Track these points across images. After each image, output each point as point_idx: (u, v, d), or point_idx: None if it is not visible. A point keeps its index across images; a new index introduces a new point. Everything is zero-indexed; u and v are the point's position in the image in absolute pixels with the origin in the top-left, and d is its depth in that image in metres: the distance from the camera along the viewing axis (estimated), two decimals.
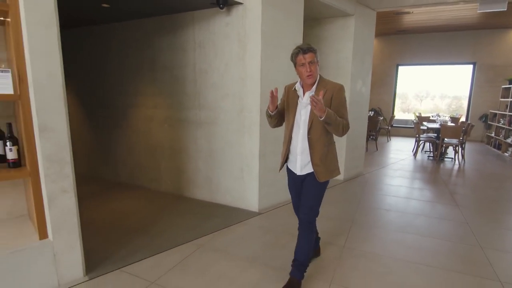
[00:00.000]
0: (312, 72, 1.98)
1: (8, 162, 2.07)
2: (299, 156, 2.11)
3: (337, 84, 2.07)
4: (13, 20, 1.84)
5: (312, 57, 1.97)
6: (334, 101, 2.01)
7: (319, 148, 2.05)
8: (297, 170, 2.15)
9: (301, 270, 2.17)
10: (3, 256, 1.94)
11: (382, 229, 3.26)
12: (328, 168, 2.09)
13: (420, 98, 13.96)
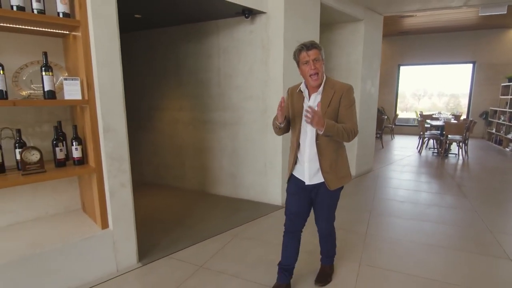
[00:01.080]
0: (317, 70, 1.83)
1: (74, 160, 2.33)
2: (307, 164, 1.96)
3: (346, 85, 1.92)
4: (83, 34, 2.10)
5: (317, 54, 1.83)
6: (342, 103, 1.88)
7: (328, 154, 1.93)
8: (305, 179, 1.99)
9: (331, 257, 2.35)
10: (74, 243, 2.20)
11: (398, 217, 3.53)
12: (338, 175, 1.97)
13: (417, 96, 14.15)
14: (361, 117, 5.18)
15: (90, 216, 2.55)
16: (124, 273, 2.43)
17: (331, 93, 1.88)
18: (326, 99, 1.88)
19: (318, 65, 1.83)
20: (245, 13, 3.53)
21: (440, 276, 2.37)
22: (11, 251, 2.03)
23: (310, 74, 1.84)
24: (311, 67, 1.82)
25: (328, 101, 1.88)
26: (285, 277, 2.15)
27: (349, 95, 1.90)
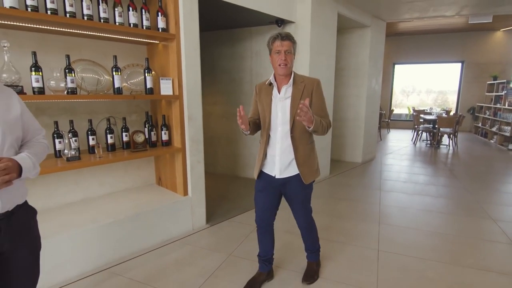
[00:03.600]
0: (286, 62, 1.84)
1: (162, 142, 2.97)
2: (278, 157, 1.95)
3: (314, 79, 1.97)
4: (176, 44, 2.75)
5: (290, 46, 1.84)
6: (315, 97, 1.92)
7: (302, 147, 1.96)
8: (275, 173, 1.98)
9: (316, 253, 2.34)
10: (166, 205, 2.85)
11: (404, 193, 4.28)
12: (311, 168, 2.00)
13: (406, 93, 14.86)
14: (367, 110, 5.94)
15: (167, 187, 3.21)
16: (198, 231, 3.10)
17: (302, 86, 1.90)
18: (297, 92, 1.90)
19: (289, 57, 1.85)
20: (278, 23, 4.21)
21: (441, 230, 3.13)
22: (122, 211, 2.67)
23: (279, 63, 1.84)
24: (281, 57, 1.83)
25: (300, 94, 1.90)
26: (265, 266, 2.25)
27: (319, 89, 1.95)
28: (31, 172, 1.26)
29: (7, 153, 1.22)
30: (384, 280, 2.29)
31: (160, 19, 2.68)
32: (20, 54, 2.28)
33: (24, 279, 1.35)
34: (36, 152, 1.34)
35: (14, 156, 1.22)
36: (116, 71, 2.54)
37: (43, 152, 1.40)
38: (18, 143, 1.31)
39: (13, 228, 1.26)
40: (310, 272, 2.30)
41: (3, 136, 1.20)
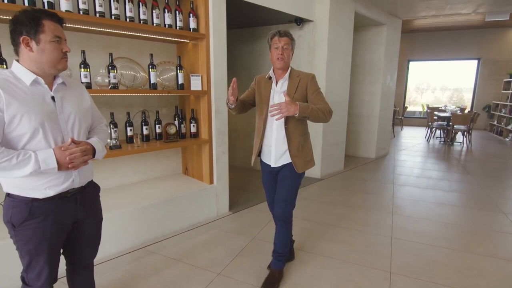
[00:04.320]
0: (283, 56, 1.95)
1: (191, 134, 3.21)
2: (274, 147, 2.05)
3: (309, 74, 2.06)
4: (206, 43, 2.96)
5: (287, 42, 1.95)
6: (310, 89, 2.01)
7: (296, 138, 2.03)
8: (271, 162, 2.09)
9: (282, 261, 2.22)
10: (195, 192, 3.10)
11: (417, 187, 4.43)
12: (305, 159, 2.08)
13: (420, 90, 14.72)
14: (381, 106, 6.07)
15: (194, 176, 3.45)
16: (222, 217, 3.34)
17: (297, 80, 2.01)
18: (292, 85, 2.01)
19: (286, 53, 1.96)
20: (297, 21, 4.38)
21: (453, 221, 3.28)
22: (156, 196, 2.91)
23: (277, 57, 1.96)
24: (279, 52, 1.94)
25: (294, 87, 2.00)
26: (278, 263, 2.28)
27: (314, 81, 2.04)
28: (101, 154, 1.51)
29: (82, 138, 1.47)
30: (397, 263, 2.48)
31: (192, 20, 2.90)
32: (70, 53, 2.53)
33: (92, 242, 1.62)
34: (102, 137, 1.59)
35: (89, 140, 1.47)
36: (152, 68, 2.78)
37: (106, 138, 1.65)
38: (88, 129, 1.55)
39: (85, 200, 1.51)
40: (271, 279, 2.15)
41: (79, 123, 1.45)
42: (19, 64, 1.31)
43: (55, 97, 1.37)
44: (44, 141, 1.31)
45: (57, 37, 1.30)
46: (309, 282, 2.23)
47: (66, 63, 1.38)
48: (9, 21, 1.28)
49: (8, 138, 1.26)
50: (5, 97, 1.22)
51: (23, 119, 1.25)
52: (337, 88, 4.81)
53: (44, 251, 1.38)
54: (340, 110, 5.00)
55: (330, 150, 4.89)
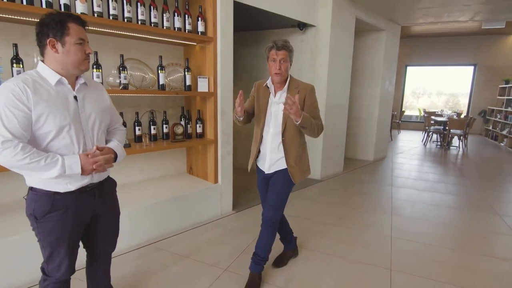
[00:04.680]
0: (281, 71, 1.93)
1: (197, 134, 3.28)
2: (268, 155, 2.08)
3: (308, 85, 2.04)
4: (213, 46, 3.05)
5: (285, 55, 1.92)
6: (307, 102, 1.98)
7: (294, 150, 2.04)
8: (265, 169, 2.13)
9: (261, 264, 2.19)
10: (200, 191, 3.17)
11: (414, 189, 4.53)
12: (302, 169, 2.11)
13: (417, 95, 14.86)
14: (380, 110, 6.19)
15: (198, 176, 3.52)
16: (226, 216, 3.41)
17: (295, 92, 1.97)
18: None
19: (284, 66, 1.93)
20: (300, 26, 4.49)
21: (449, 222, 3.39)
22: (162, 194, 2.98)
23: (274, 72, 1.94)
24: (276, 66, 1.92)
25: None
26: (289, 245, 2.51)
27: (312, 94, 2.02)
28: (122, 158, 1.62)
29: (101, 136, 1.56)
30: (397, 261, 2.57)
31: (200, 24, 2.99)
32: None
33: (110, 235, 1.71)
34: (121, 139, 1.69)
35: (111, 145, 1.57)
36: (161, 70, 2.86)
37: (124, 139, 1.74)
38: (107, 127, 1.63)
39: (103, 194, 1.59)
40: (252, 285, 2.15)
41: (99, 122, 1.53)
42: (45, 64, 1.38)
43: (78, 97, 1.44)
44: (68, 139, 1.39)
45: (81, 39, 1.37)
46: (314, 278, 2.31)
47: (88, 64, 1.45)
48: (36, 24, 1.34)
49: (35, 135, 1.34)
50: (33, 97, 1.29)
51: (48, 117, 1.33)
52: (338, 92, 4.91)
53: (65, 243, 1.46)
54: (340, 113, 5.11)
55: (330, 152, 4.99)
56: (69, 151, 1.40)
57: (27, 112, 1.28)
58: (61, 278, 1.51)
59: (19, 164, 1.27)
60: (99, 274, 1.76)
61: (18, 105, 1.26)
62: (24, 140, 1.29)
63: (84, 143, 1.45)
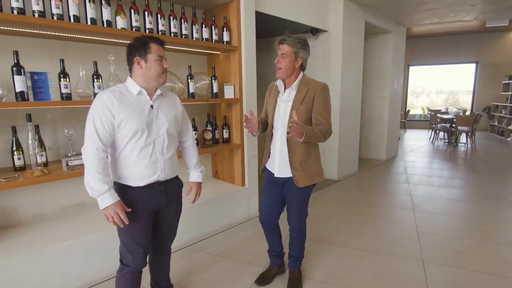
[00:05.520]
0: (280, 65, 1.85)
1: (223, 139, 3.41)
2: (277, 157, 1.98)
3: (320, 83, 1.91)
4: (238, 55, 3.19)
5: (286, 50, 1.82)
6: (317, 101, 1.87)
7: (299, 152, 1.92)
8: (275, 171, 2.01)
9: (299, 262, 2.26)
10: (228, 194, 3.28)
11: (430, 186, 4.64)
12: (309, 173, 1.95)
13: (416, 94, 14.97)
14: (390, 110, 6.32)
15: (224, 180, 3.64)
16: (253, 217, 3.52)
17: (305, 90, 1.87)
18: (299, 95, 1.89)
19: (285, 61, 1.83)
20: (313, 31, 4.63)
21: (470, 215, 3.50)
22: None
23: (277, 67, 1.88)
24: (277, 60, 1.87)
25: (301, 98, 1.88)
26: (276, 260, 2.35)
27: (323, 93, 1.88)
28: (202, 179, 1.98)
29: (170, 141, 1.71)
30: (427, 253, 2.67)
31: (225, 34, 3.13)
32: (122, 66, 2.75)
33: (169, 230, 1.87)
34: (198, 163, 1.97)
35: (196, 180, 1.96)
36: (191, 79, 3.00)
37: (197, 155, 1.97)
38: (178, 133, 1.80)
39: (169, 191, 1.75)
40: (293, 280, 2.22)
41: (169, 128, 1.70)
42: (131, 79, 1.63)
43: (153, 106, 1.64)
44: (143, 141, 1.59)
45: (159, 56, 1.60)
46: (351, 273, 2.42)
47: (165, 78, 1.66)
48: (126, 47, 1.62)
49: (115, 137, 1.57)
50: (118, 106, 1.52)
51: (128, 122, 1.54)
52: (350, 94, 5.04)
53: (137, 233, 1.64)
54: (353, 115, 5.23)
55: (345, 153, 5.11)
56: (140, 152, 1.59)
57: (112, 118, 1.51)
58: (135, 268, 1.69)
59: (89, 163, 1.48)
60: (159, 264, 1.93)
61: (106, 112, 1.50)
62: (108, 142, 1.53)
63: (154, 146, 1.62)
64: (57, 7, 2.07)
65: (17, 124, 2.25)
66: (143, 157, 1.60)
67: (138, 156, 1.59)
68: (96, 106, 1.51)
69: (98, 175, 1.47)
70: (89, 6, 2.21)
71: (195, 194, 1.94)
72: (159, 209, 1.72)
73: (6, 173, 2.15)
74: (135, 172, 1.60)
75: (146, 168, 1.61)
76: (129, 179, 1.61)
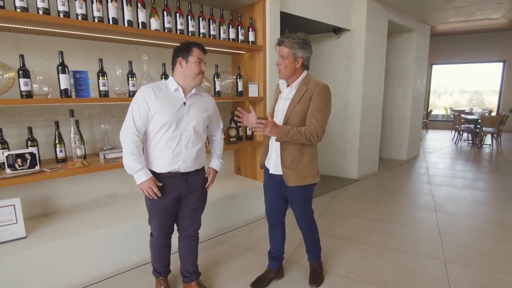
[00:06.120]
0: (279, 67, 1.88)
1: (246, 136, 3.51)
2: (274, 154, 2.00)
3: (319, 83, 1.88)
4: (263, 54, 3.27)
5: (283, 52, 1.84)
6: (312, 101, 1.85)
7: (291, 151, 1.90)
8: (270, 167, 2.03)
9: (317, 255, 2.29)
10: (252, 190, 3.38)
11: (453, 187, 4.58)
12: (300, 174, 1.93)
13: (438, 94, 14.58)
14: (412, 109, 6.24)
15: (247, 176, 3.74)
16: None
17: (303, 90, 1.87)
18: (297, 96, 1.89)
19: (284, 62, 1.86)
20: (335, 31, 4.65)
21: (494, 217, 3.44)
22: (219, 193, 3.20)
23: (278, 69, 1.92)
24: (277, 62, 1.90)
25: (298, 98, 1.88)
26: (274, 263, 2.31)
27: (319, 94, 1.85)
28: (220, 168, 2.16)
29: (197, 137, 1.87)
30: (449, 253, 2.67)
31: (251, 34, 3.21)
32: (153, 64, 2.89)
33: (190, 218, 2.04)
34: (220, 152, 2.17)
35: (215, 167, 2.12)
36: (217, 78, 3.11)
37: (222, 148, 2.15)
38: (204, 128, 1.95)
39: (190, 183, 1.92)
40: (315, 274, 2.27)
41: (197, 125, 1.86)
42: (172, 78, 1.85)
43: (186, 103, 1.82)
44: (170, 133, 1.78)
45: (199, 59, 1.80)
46: (372, 270, 2.46)
47: (201, 79, 1.85)
48: (173, 50, 1.84)
49: (148, 127, 1.80)
50: (153, 99, 1.75)
51: (160, 115, 1.75)
52: (373, 93, 5.03)
53: (157, 213, 1.91)
54: (375, 114, 5.22)
55: (366, 152, 5.10)
56: (167, 143, 1.79)
57: (147, 110, 1.75)
58: (157, 239, 2.00)
59: (125, 145, 1.75)
60: (184, 248, 2.10)
61: (143, 104, 1.74)
62: (142, 130, 1.78)
63: (180, 139, 1.82)
64: (98, 10, 2.22)
65: (59, 119, 2.42)
66: (168, 147, 1.79)
67: (164, 146, 1.79)
68: (137, 98, 1.76)
69: (133, 156, 1.74)
70: (126, 9, 2.35)
71: (210, 180, 2.09)
72: (180, 197, 1.93)
73: (49, 164, 2.33)
74: (160, 160, 1.82)
75: (169, 158, 1.81)
76: (155, 166, 1.83)
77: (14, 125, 2.31)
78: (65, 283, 2.19)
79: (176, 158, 1.82)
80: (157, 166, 1.83)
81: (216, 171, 2.13)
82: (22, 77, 2.05)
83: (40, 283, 2.08)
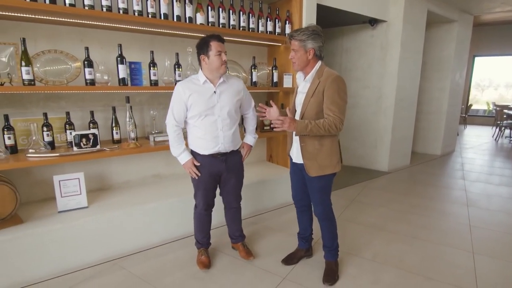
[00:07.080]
0: (293, 60, 1.94)
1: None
2: (295, 143, 2.09)
3: (331, 74, 1.89)
4: None
5: (295, 45, 1.90)
6: (326, 94, 1.87)
7: (310, 143, 1.96)
8: (294, 156, 2.13)
9: (333, 253, 2.25)
10: (282, 176, 3.55)
11: (489, 183, 4.48)
12: (321, 164, 1.97)
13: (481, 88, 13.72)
14: (449, 103, 6.06)
15: (278, 163, 3.91)
16: None
17: (316, 83, 1.90)
18: (311, 89, 1.93)
19: (297, 55, 1.92)
20: (371, 22, 4.64)
21: None
22: (255, 177, 3.40)
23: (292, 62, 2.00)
24: (291, 56, 1.96)
25: (312, 92, 1.92)
26: (303, 243, 2.46)
27: (331, 86, 1.86)
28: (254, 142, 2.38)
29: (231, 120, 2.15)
30: (478, 246, 2.71)
31: (287, 26, 3.34)
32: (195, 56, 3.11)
33: (232, 193, 2.37)
34: (253, 128, 2.40)
35: (249, 142, 2.40)
36: (254, 69, 3.28)
37: (255, 123, 2.41)
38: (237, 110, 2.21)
39: (229, 162, 2.20)
40: (329, 272, 2.22)
41: (229, 110, 2.12)
42: (201, 71, 2.11)
43: (216, 92, 2.07)
44: (206, 120, 2.07)
45: (218, 51, 2.00)
46: (399, 255, 2.57)
47: (225, 68, 2.08)
48: (195, 47, 2.08)
49: (188, 117, 2.10)
50: (189, 92, 2.03)
51: (196, 106, 2.04)
52: (407, 86, 4.97)
53: (200, 188, 2.23)
54: (409, 106, 5.15)
55: (397, 145, 5.08)
56: (205, 129, 2.08)
57: (184, 103, 2.05)
58: (200, 210, 2.31)
59: (169, 134, 2.12)
60: (229, 218, 2.45)
61: (180, 100, 2.05)
62: (181, 121, 2.10)
63: (217, 124, 2.09)
64: (152, 7, 2.46)
65: (115, 105, 2.72)
66: (207, 132, 2.08)
67: (204, 131, 2.08)
68: (174, 95, 2.08)
69: (175, 142, 2.13)
70: (176, 5, 2.57)
71: (245, 153, 2.37)
72: (221, 175, 2.23)
73: (106, 144, 2.64)
74: (201, 143, 2.12)
75: (209, 141, 2.10)
76: (197, 148, 2.15)
77: (78, 109, 2.64)
78: (120, 249, 2.51)
79: (215, 141, 2.11)
80: (199, 148, 2.14)
81: (251, 146, 2.40)
82: (87, 66, 2.34)
83: (99, 246, 2.41)
